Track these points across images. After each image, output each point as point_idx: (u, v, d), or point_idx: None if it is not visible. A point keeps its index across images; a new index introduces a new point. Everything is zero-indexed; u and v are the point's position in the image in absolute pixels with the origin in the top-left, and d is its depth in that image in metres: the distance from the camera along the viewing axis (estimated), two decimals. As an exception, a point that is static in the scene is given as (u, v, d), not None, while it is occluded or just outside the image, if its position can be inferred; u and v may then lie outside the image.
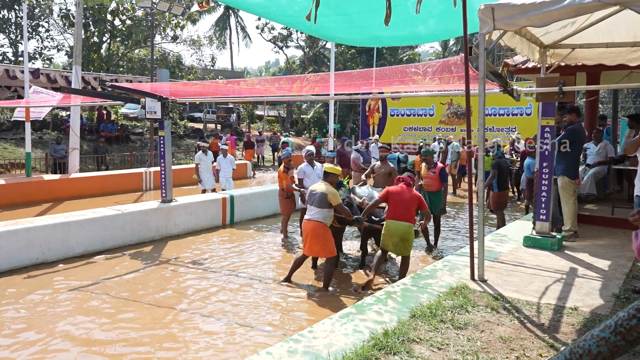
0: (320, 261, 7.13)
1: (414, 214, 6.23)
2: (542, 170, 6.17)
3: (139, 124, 26.55)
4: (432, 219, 7.48)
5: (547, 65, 6.66)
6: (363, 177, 8.71)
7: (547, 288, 4.68)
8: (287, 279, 6.33)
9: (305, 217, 6.18)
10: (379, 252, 6.32)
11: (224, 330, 4.92)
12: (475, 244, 4.86)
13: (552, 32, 5.98)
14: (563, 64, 7.04)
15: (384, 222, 6.28)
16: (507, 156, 11.89)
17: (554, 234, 6.23)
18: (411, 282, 4.72)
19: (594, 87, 8.00)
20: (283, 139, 23.50)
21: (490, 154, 9.87)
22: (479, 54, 4.70)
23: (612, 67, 7.20)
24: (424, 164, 8.32)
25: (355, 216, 6.38)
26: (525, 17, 4.38)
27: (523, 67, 8.20)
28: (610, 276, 5.09)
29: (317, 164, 8.60)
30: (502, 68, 7.71)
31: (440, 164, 8.29)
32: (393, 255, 7.38)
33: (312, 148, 8.93)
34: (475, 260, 4.87)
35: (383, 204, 6.51)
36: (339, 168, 6.50)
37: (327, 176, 6.26)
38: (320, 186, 6.16)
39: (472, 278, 4.84)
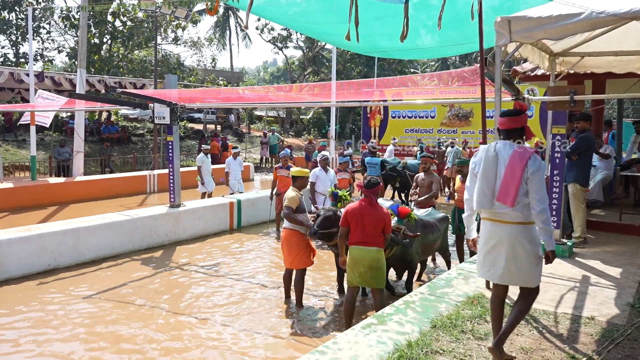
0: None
1: (382, 236, 4.85)
2: (552, 178, 6.23)
3: (139, 125, 26.52)
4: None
5: (556, 72, 6.73)
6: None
7: (562, 297, 4.74)
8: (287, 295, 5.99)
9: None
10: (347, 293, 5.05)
11: (242, 338, 4.96)
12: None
13: (562, 41, 6.03)
14: (572, 71, 7.11)
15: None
16: None
17: (564, 240, 6.29)
18: (428, 291, 4.77)
19: (605, 96, 8.08)
20: (270, 134, 24.43)
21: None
22: (495, 66, 4.76)
23: (619, 75, 7.27)
24: (459, 177, 6.99)
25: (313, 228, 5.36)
26: (542, 30, 4.44)
27: (532, 74, 8.26)
28: (623, 284, 5.15)
29: (330, 170, 8.75)
30: (511, 75, 7.77)
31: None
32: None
33: (327, 153, 9.12)
34: (490, 269, 4.91)
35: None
36: (306, 170, 5.99)
37: (294, 180, 5.75)
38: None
39: (488, 287, 4.88)
